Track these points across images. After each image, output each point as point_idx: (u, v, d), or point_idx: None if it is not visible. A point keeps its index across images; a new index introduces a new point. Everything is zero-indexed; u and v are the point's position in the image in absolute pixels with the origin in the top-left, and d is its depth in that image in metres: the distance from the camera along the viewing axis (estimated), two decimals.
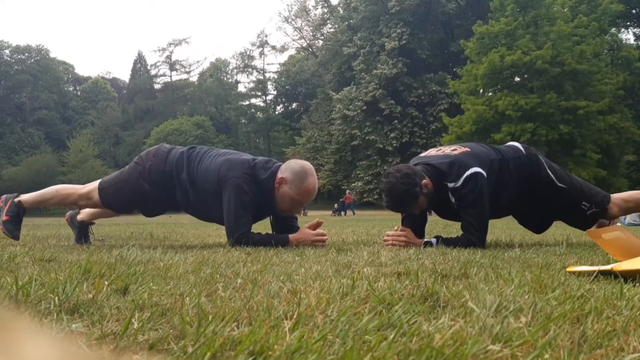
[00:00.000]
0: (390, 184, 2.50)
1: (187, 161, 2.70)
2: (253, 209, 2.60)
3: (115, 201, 2.78)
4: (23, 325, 0.26)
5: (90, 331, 0.78)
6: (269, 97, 53.82)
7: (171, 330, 0.77)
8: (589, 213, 2.74)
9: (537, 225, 2.96)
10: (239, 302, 0.98)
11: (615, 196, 2.84)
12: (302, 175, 2.59)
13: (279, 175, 2.60)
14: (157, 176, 2.70)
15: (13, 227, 2.70)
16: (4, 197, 2.82)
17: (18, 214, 2.74)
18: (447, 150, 2.70)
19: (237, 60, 56.20)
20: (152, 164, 2.72)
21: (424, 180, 2.51)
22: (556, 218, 2.91)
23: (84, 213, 3.02)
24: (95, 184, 2.82)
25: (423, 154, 2.83)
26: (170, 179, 2.70)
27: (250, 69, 54.48)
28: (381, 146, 34.61)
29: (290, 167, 2.63)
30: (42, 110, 54.35)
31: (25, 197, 2.80)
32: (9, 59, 55.59)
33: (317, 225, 2.68)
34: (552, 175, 2.67)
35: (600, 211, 2.75)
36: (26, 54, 56.09)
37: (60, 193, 2.81)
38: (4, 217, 2.71)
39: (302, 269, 1.52)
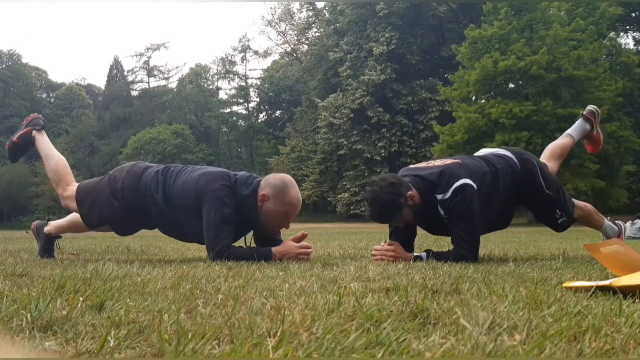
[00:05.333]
0: (373, 193, 2.53)
1: (162, 181, 2.71)
2: (233, 222, 2.63)
3: (89, 218, 2.84)
4: None
5: (64, 349, 0.80)
6: (252, 104, 53.78)
7: (149, 349, 0.79)
8: (560, 222, 2.82)
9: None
10: (220, 319, 1.00)
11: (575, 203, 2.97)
12: (283, 189, 2.64)
13: (260, 192, 2.63)
14: (130, 194, 2.73)
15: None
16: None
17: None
18: (437, 162, 2.72)
19: (218, 65, 55.99)
20: (125, 182, 2.75)
21: (410, 192, 2.52)
22: (535, 218, 2.99)
23: (52, 226, 3.08)
24: (74, 189, 2.89)
25: (412, 166, 2.85)
26: (144, 199, 2.72)
27: (231, 75, 54.36)
28: (369, 156, 34.61)
29: (270, 182, 2.67)
30: (13, 118, 53.72)
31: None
32: None
33: (302, 237, 2.72)
34: (542, 182, 2.72)
35: (570, 220, 2.85)
36: None
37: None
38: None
39: (286, 284, 1.55)
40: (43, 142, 3.03)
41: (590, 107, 3.22)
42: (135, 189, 2.72)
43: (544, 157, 3.07)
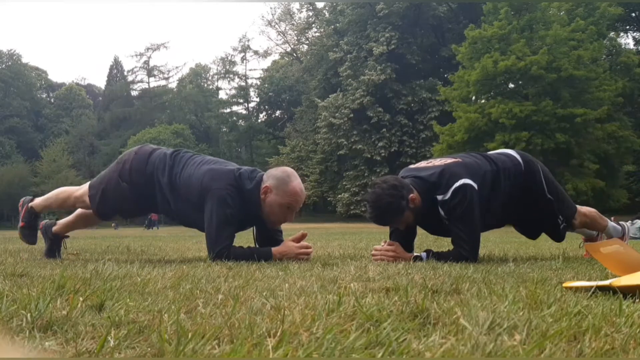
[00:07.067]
0: (375, 195, 2.51)
1: (170, 165, 2.71)
2: (235, 223, 2.65)
3: (101, 208, 2.84)
4: None
5: (64, 349, 0.80)
6: (252, 105, 53.54)
7: (149, 349, 0.79)
8: (562, 227, 2.81)
9: (530, 231, 3.01)
10: (219, 319, 1.00)
11: (578, 209, 2.92)
12: (285, 179, 2.64)
13: (263, 185, 2.64)
14: (137, 176, 2.73)
15: (29, 233, 2.94)
16: (22, 200, 3.06)
17: (31, 219, 2.96)
18: (436, 162, 2.70)
19: (218, 65, 55.74)
20: (133, 163, 2.75)
21: (412, 195, 2.52)
22: (538, 227, 2.95)
23: (60, 225, 3.05)
24: (86, 187, 2.89)
25: (413, 166, 2.84)
26: (150, 181, 2.73)
27: (231, 75, 54.04)
28: (369, 156, 34.32)
29: (272, 174, 2.68)
30: (13, 118, 53.81)
31: (36, 201, 3.00)
32: None
33: (302, 237, 2.71)
34: (544, 186, 2.72)
35: (568, 226, 2.85)
36: None
37: (60, 197, 2.96)
38: (21, 224, 2.95)
39: (286, 284, 1.54)
40: (39, 201, 2.99)
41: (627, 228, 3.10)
42: (143, 170, 2.71)
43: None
